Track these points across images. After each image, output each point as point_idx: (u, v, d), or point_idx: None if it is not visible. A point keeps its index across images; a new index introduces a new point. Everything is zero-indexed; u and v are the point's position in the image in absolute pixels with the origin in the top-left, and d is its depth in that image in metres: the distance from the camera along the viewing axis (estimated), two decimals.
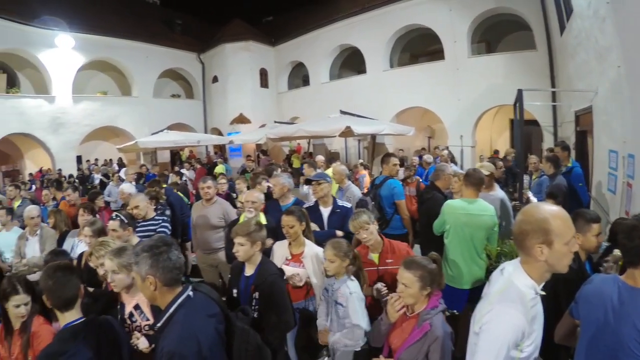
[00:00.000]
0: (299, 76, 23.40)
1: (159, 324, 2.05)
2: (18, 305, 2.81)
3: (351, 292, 3.16)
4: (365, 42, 18.04)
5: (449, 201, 4.33)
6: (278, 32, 23.00)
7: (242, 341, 2.40)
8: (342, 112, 13.40)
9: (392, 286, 3.17)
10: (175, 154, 22.28)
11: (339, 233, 4.33)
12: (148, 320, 2.85)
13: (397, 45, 17.98)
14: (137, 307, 2.89)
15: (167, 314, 2.03)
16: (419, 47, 18.32)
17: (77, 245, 4.78)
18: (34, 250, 5.25)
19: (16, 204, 8.07)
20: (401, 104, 16.71)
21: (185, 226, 6.70)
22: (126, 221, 3.98)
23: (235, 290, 3.22)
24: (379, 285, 3.29)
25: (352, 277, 3.26)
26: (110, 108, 19.89)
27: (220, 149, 22.09)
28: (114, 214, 4.15)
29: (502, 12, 14.06)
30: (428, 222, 4.57)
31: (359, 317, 3.13)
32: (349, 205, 4.83)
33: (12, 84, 18.13)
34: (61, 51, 17.82)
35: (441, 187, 5.12)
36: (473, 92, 14.22)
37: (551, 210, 1.81)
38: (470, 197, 4.10)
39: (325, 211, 4.65)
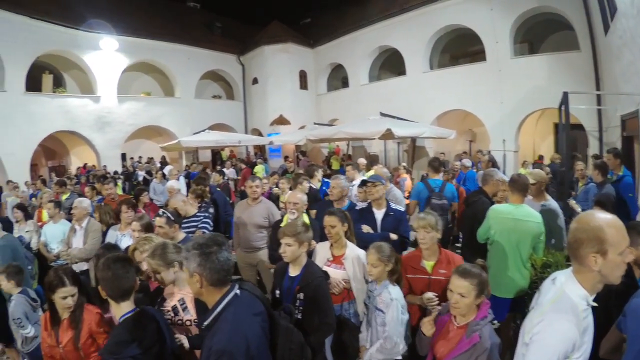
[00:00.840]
0: (338, 78, 23.31)
1: (206, 322, 2.06)
2: (65, 297, 2.88)
3: (392, 298, 3.10)
4: (404, 43, 17.77)
5: (494, 206, 4.24)
6: (316, 33, 23.02)
7: (286, 340, 2.39)
8: (382, 114, 13.32)
9: (441, 297, 3.13)
10: (216, 153, 22.71)
11: (393, 236, 4.29)
12: (190, 315, 2.90)
13: (437, 46, 17.65)
14: (182, 301, 2.94)
15: (215, 312, 2.04)
16: (459, 47, 17.93)
17: (121, 239, 4.95)
18: (78, 242, 5.46)
19: (64, 197, 8.56)
20: (442, 107, 16.36)
21: (228, 224, 6.82)
22: (172, 218, 4.09)
23: (277, 291, 3.22)
24: (430, 294, 3.21)
25: (394, 283, 3.21)
26: (154, 108, 20.49)
27: (260, 150, 22.42)
28: (160, 211, 4.28)
29: (544, 12, 13.58)
30: (472, 226, 4.49)
31: (396, 326, 3.07)
32: (402, 208, 4.80)
33: (58, 84, 18.87)
34: (106, 53, 18.50)
35: (489, 192, 5.00)
36: (516, 94, 13.79)
37: (606, 218, 1.78)
38: (516, 202, 4.02)
39: (379, 213, 4.60)
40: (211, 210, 6.03)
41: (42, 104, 16.80)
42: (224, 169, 13.84)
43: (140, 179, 14.34)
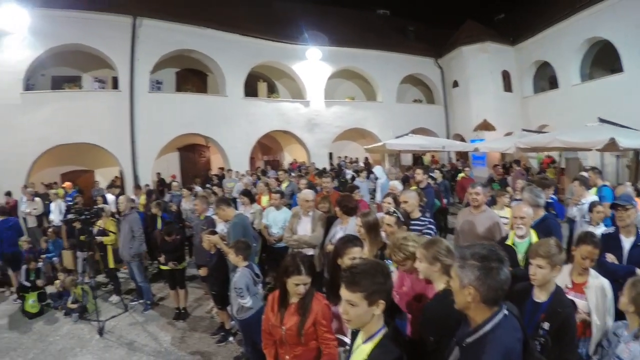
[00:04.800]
0: (545, 77, 21.20)
1: (469, 340, 1.91)
2: (298, 284, 2.96)
3: None
4: (616, 33, 15.27)
5: None
6: (514, 29, 21.49)
7: None
8: (602, 121, 11.63)
9: None
10: (417, 158, 23.02)
11: None
12: None
13: None
14: None
15: (482, 332, 1.87)
16: None
17: (337, 232, 5.18)
18: (304, 229, 5.78)
19: (284, 185, 9.91)
20: None
21: None
22: (402, 219, 4.11)
23: None
24: None
25: None
26: (357, 112, 22.01)
27: (462, 156, 21.39)
28: (391, 209, 4.31)
29: None
30: None
31: None
32: None
33: (272, 90, 22.02)
34: (311, 62, 20.64)
35: None
36: None
37: None
38: None
39: (627, 242, 4.00)
40: (427, 214, 5.85)
41: (259, 107, 19.80)
42: (432, 174, 13.77)
43: (349, 177, 14.93)
